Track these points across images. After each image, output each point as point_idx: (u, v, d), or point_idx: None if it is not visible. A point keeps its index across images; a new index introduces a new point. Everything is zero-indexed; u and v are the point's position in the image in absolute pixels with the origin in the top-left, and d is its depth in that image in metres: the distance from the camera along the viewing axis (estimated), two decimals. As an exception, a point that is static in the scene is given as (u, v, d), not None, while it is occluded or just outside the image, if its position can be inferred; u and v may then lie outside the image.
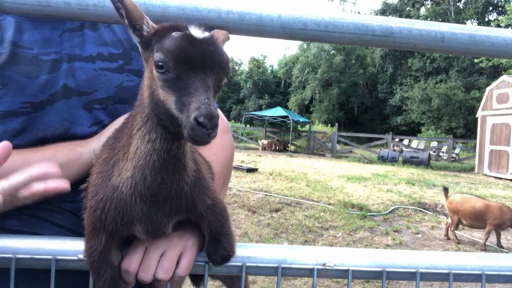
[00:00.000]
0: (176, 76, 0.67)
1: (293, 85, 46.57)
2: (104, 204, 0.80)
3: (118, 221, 0.80)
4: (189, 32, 0.69)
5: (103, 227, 0.81)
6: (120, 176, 0.79)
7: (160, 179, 0.76)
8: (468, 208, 6.43)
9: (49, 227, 1.02)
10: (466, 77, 34.94)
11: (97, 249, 0.81)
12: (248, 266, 0.88)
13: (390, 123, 41.18)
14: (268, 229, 6.63)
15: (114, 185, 0.80)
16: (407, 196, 10.39)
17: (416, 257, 0.93)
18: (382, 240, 6.51)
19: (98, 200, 0.81)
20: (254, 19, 0.95)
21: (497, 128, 17.54)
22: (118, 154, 0.82)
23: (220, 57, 0.69)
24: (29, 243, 0.86)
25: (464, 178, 15.88)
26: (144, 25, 0.73)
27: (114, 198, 0.79)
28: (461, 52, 1.02)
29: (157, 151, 0.74)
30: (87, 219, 0.85)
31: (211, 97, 0.65)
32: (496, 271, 0.93)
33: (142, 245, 0.87)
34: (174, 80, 0.67)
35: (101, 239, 0.82)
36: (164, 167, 0.75)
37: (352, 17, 0.98)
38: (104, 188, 0.81)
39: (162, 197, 0.79)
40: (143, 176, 0.76)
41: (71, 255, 0.85)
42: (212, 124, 0.62)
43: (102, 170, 0.84)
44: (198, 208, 0.84)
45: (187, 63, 0.66)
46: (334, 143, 24.22)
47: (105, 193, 0.80)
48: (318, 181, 11.86)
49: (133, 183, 0.77)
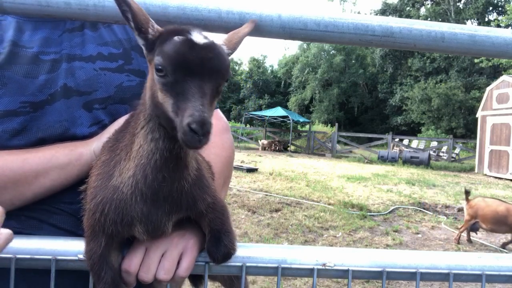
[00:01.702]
0: (174, 80, 0.68)
1: (293, 85, 46.54)
2: (104, 206, 0.80)
3: (118, 222, 0.80)
4: (190, 37, 0.69)
5: (103, 230, 0.81)
6: (121, 176, 0.79)
7: (161, 178, 0.76)
8: (489, 213, 6.26)
9: (48, 228, 1.01)
10: (466, 77, 34.93)
11: (97, 252, 0.81)
12: (248, 266, 0.88)
13: (390, 123, 41.17)
14: (268, 229, 6.63)
15: (114, 186, 0.80)
16: (407, 196, 10.39)
17: (416, 257, 0.93)
18: (382, 240, 6.51)
19: (97, 202, 0.81)
20: (254, 19, 0.95)
21: (497, 128, 17.54)
22: (120, 154, 0.82)
23: (219, 64, 0.70)
24: (29, 243, 0.86)
25: (464, 178, 15.88)
26: (149, 28, 0.74)
27: (114, 199, 0.79)
28: (461, 52, 1.02)
29: (159, 150, 0.75)
30: (86, 222, 0.85)
31: (206, 104, 0.66)
32: (496, 271, 0.93)
33: (142, 246, 0.87)
34: (172, 84, 0.68)
35: (100, 241, 0.81)
36: (166, 166, 0.76)
37: (352, 17, 0.98)
38: (103, 189, 0.81)
39: (163, 195, 0.79)
40: (144, 174, 0.76)
41: (71, 255, 0.85)
42: (204, 131, 0.63)
43: (101, 172, 0.84)
44: (198, 206, 0.84)
45: (185, 69, 0.67)
46: (334, 143, 24.21)
47: (104, 195, 0.80)
48: (318, 181, 11.86)
49: (134, 181, 0.77)
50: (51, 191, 0.98)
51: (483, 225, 6.40)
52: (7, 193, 0.93)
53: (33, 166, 0.94)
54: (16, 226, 1.00)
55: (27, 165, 0.93)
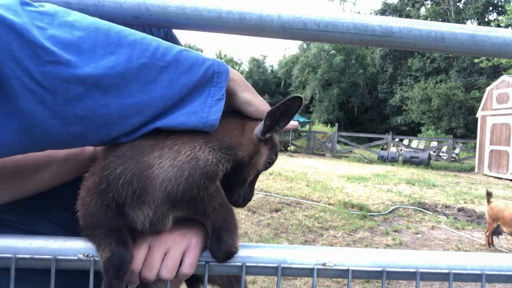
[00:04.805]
0: (258, 171, 0.95)
1: (293, 85, 46.55)
2: (133, 176, 0.77)
3: (136, 195, 0.78)
4: None
5: (119, 196, 0.78)
6: (160, 159, 0.78)
7: (202, 183, 0.81)
8: (508, 216, 6.16)
9: (45, 224, 1.01)
10: (466, 77, 34.93)
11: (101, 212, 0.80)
12: (248, 266, 0.88)
13: (390, 123, 41.17)
14: (268, 229, 6.63)
15: (149, 163, 0.78)
16: (407, 196, 10.39)
17: (416, 257, 0.92)
18: (382, 240, 6.51)
19: (126, 168, 0.77)
20: (254, 19, 0.95)
21: (497, 128, 17.54)
22: (164, 141, 0.80)
23: None
24: (29, 243, 0.86)
25: (464, 178, 15.88)
26: None
27: (143, 174, 0.77)
28: (461, 52, 1.02)
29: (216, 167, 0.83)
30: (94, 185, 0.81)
31: None
32: (496, 271, 0.93)
33: (145, 244, 0.87)
34: (259, 172, 0.95)
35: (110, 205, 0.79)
36: (211, 177, 0.82)
37: (352, 17, 0.98)
38: (136, 161, 0.78)
39: (188, 196, 0.80)
40: (191, 173, 0.79)
41: (71, 255, 0.85)
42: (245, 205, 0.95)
43: (133, 145, 0.80)
44: (206, 210, 0.85)
45: None
46: (334, 143, 24.22)
47: (135, 165, 0.78)
48: (318, 181, 11.87)
49: (178, 172, 0.78)
50: (51, 185, 0.98)
51: (504, 229, 6.28)
52: (8, 184, 0.93)
53: (34, 158, 0.94)
54: (13, 220, 1.00)
55: (28, 157, 0.93)
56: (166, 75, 0.78)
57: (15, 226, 0.99)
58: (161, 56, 0.78)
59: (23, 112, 0.66)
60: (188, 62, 0.81)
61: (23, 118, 0.66)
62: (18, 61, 0.63)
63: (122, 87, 0.74)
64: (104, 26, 0.76)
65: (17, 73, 0.63)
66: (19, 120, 0.66)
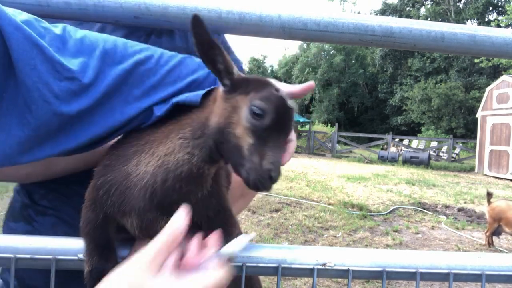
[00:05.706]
0: (266, 126, 0.72)
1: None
2: (110, 187, 0.80)
3: (117, 206, 0.81)
4: (285, 99, 0.75)
5: (101, 207, 0.82)
6: (137, 166, 0.80)
7: (178, 187, 0.78)
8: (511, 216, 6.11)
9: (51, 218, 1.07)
10: (466, 77, 34.92)
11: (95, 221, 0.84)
12: (248, 266, 0.88)
13: (390, 123, 41.16)
14: (268, 229, 6.63)
15: (127, 172, 0.80)
16: (407, 196, 10.39)
17: (416, 257, 0.92)
18: (382, 240, 6.51)
19: (106, 180, 0.81)
20: (254, 19, 0.95)
21: (497, 128, 17.54)
22: (144, 146, 0.82)
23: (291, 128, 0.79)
24: (29, 243, 0.86)
25: (464, 178, 15.88)
26: (234, 71, 0.78)
27: (122, 184, 0.80)
28: (461, 52, 1.02)
29: (190, 165, 0.77)
30: (88, 195, 0.86)
31: (280, 158, 0.75)
32: (496, 271, 0.93)
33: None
34: (261, 129, 0.72)
35: (99, 214, 0.83)
36: (187, 179, 0.78)
37: (352, 17, 0.98)
38: (114, 171, 0.81)
39: (170, 201, 0.79)
40: (164, 178, 0.77)
41: (71, 255, 0.85)
42: (276, 180, 0.74)
43: (117, 153, 0.83)
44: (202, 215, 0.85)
45: (280, 121, 0.73)
46: (334, 143, 24.22)
47: (114, 176, 0.81)
48: (318, 181, 11.86)
49: (150, 179, 0.78)
50: (78, 167, 1.03)
51: (506, 229, 6.23)
52: (40, 165, 0.96)
53: None
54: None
55: None
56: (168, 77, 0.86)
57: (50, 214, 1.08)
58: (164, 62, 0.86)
59: (39, 123, 0.72)
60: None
61: (37, 128, 0.72)
62: (40, 74, 0.70)
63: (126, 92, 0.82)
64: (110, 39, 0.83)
65: (38, 85, 0.70)
66: (32, 131, 0.72)
